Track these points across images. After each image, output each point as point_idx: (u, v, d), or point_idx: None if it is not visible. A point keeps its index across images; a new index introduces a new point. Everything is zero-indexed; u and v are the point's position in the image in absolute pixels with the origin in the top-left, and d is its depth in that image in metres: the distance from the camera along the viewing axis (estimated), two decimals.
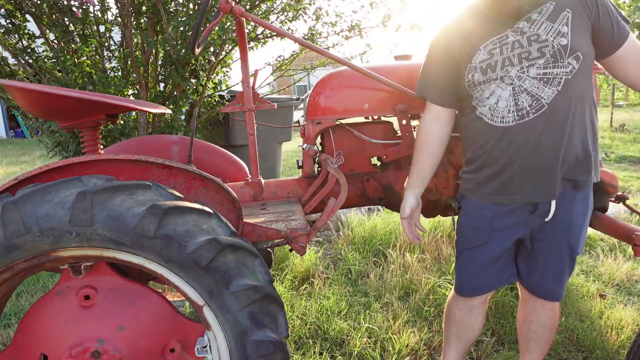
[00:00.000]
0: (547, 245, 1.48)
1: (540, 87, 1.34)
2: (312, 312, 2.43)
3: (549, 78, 1.34)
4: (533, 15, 1.35)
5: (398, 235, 3.36)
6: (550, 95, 1.34)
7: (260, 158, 2.50)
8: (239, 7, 1.64)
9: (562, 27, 1.32)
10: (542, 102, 1.35)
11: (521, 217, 1.46)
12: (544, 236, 1.48)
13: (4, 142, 15.19)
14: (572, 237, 1.47)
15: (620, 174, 5.56)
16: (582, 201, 1.45)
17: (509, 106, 1.38)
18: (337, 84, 1.94)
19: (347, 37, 4.10)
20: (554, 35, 1.32)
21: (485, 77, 1.40)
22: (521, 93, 1.36)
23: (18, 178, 1.24)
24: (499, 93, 1.39)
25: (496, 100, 1.40)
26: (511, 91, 1.37)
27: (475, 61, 1.41)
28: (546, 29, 1.33)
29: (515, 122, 1.38)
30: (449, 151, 2.03)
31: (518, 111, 1.37)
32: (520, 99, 1.37)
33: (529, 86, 1.35)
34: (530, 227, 1.48)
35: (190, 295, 1.27)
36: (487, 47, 1.40)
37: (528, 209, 1.44)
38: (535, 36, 1.34)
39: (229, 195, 1.45)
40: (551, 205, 1.42)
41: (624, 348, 2.06)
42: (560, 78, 1.33)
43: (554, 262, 1.50)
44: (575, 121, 1.36)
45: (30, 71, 3.31)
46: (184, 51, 3.20)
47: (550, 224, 1.45)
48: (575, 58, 1.32)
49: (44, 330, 1.34)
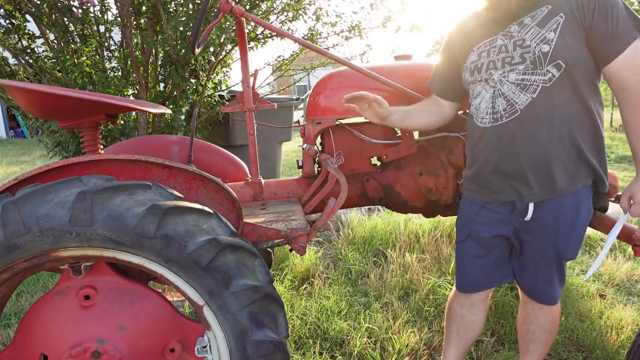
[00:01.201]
0: (533, 246, 1.48)
1: (516, 93, 1.36)
2: (312, 312, 2.43)
3: (525, 84, 1.34)
4: (526, 19, 1.35)
5: (398, 236, 3.36)
6: (525, 102, 1.34)
7: (260, 158, 2.50)
8: (239, 7, 1.64)
9: (548, 34, 1.30)
10: (515, 108, 1.36)
11: (503, 214, 1.49)
12: (529, 237, 1.48)
13: (4, 142, 15.19)
14: (559, 242, 1.44)
15: (620, 174, 5.57)
16: (571, 206, 1.41)
17: (487, 108, 1.42)
18: (337, 84, 1.94)
19: (347, 38, 4.11)
20: (538, 41, 1.31)
21: (473, 78, 1.47)
22: (499, 97, 1.39)
23: (18, 178, 1.24)
24: (482, 94, 1.44)
25: (480, 101, 1.46)
26: (491, 94, 1.41)
27: (468, 62, 1.49)
28: (533, 35, 1.32)
29: (490, 125, 1.42)
30: (449, 151, 2.03)
31: (494, 114, 1.41)
32: (497, 103, 1.40)
33: (507, 90, 1.37)
34: (513, 225, 1.49)
35: (190, 295, 1.27)
36: (479, 48, 1.45)
37: (508, 207, 1.47)
38: (521, 41, 1.34)
39: (229, 195, 1.45)
40: (528, 206, 1.42)
41: (624, 348, 2.06)
42: (536, 85, 1.32)
43: (541, 264, 1.49)
44: (553, 129, 1.33)
45: (30, 71, 3.31)
46: (184, 51, 3.20)
47: (534, 225, 1.45)
48: (555, 66, 1.29)
49: (44, 330, 1.34)
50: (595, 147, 1.40)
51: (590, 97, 1.36)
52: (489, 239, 1.54)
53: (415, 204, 2.08)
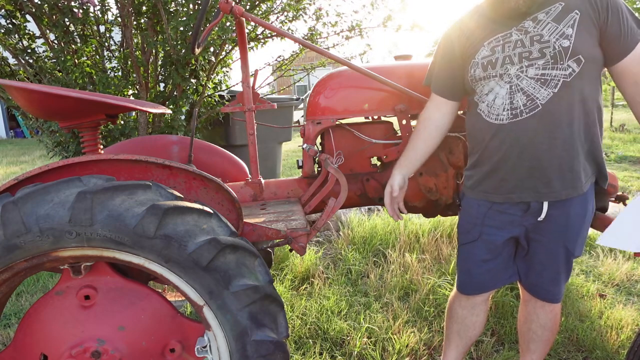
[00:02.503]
0: (543, 246, 1.48)
1: (536, 88, 1.34)
2: (312, 312, 2.43)
3: (546, 79, 1.33)
4: (540, 15, 1.35)
5: (398, 236, 3.36)
6: (546, 97, 1.34)
7: (260, 158, 2.50)
8: (239, 7, 1.64)
9: (566, 29, 1.31)
10: (536, 103, 1.35)
11: (515, 216, 1.47)
12: (539, 237, 1.48)
13: (4, 142, 15.20)
14: (569, 240, 1.45)
15: (620, 174, 5.57)
16: (581, 204, 1.43)
17: (504, 104, 1.39)
18: (337, 84, 1.94)
19: (348, 37, 4.10)
20: (557, 36, 1.31)
21: (485, 74, 1.42)
22: (517, 92, 1.37)
23: (18, 178, 1.24)
24: (497, 90, 1.41)
25: (494, 97, 1.42)
26: (508, 89, 1.38)
27: (478, 57, 1.44)
28: (550, 30, 1.33)
29: (508, 121, 1.39)
30: (449, 151, 2.03)
31: (512, 110, 1.38)
32: (515, 98, 1.37)
33: (526, 86, 1.35)
34: (525, 226, 1.48)
35: (190, 295, 1.27)
36: (490, 43, 1.42)
37: (521, 207, 1.45)
38: (539, 36, 1.34)
39: (229, 196, 1.45)
40: (543, 206, 1.42)
41: (624, 348, 2.06)
42: (557, 80, 1.32)
43: (549, 263, 1.49)
44: (573, 124, 1.34)
45: (31, 71, 3.31)
46: (184, 51, 3.20)
47: (545, 225, 1.45)
48: (576, 61, 1.31)
49: (44, 330, 1.34)
50: (599, 145, 1.42)
51: (598, 94, 1.39)
52: (499, 244, 1.52)
53: (415, 204, 2.08)
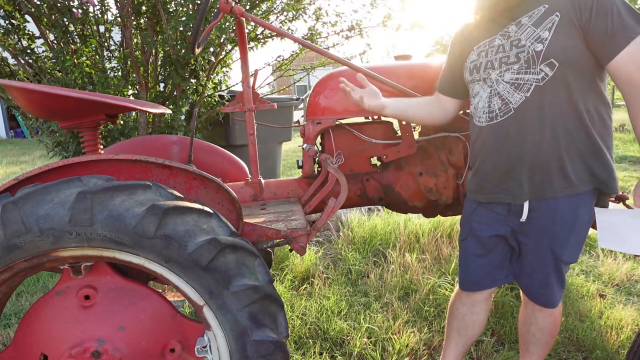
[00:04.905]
0: (530, 248, 1.48)
1: (511, 92, 1.37)
2: (312, 312, 2.43)
3: (519, 83, 1.35)
4: (523, 19, 1.36)
5: (398, 236, 3.36)
6: (518, 101, 1.36)
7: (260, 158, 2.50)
8: (239, 7, 1.65)
9: (543, 33, 1.30)
10: (509, 107, 1.38)
11: (500, 215, 1.50)
12: (526, 239, 1.48)
13: (4, 142, 15.19)
14: (556, 244, 1.42)
15: (620, 174, 5.57)
16: (569, 208, 1.38)
17: (484, 107, 1.45)
18: (337, 84, 1.94)
19: (348, 37, 4.10)
20: (532, 40, 1.31)
21: (472, 77, 1.50)
22: (494, 96, 1.41)
23: (18, 178, 1.24)
24: (481, 94, 1.47)
25: (478, 100, 1.48)
26: (488, 93, 1.43)
27: (468, 61, 1.51)
28: (528, 34, 1.33)
29: (486, 123, 1.45)
30: (449, 151, 2.03)
31: (490, 113, 1.43)
32: (493, 102, 1.42)
33: (502, 90, 1.39)
34: (510, 226, 1.50)
35: (190, 295, 1.27)
36: (479, 48, 1.48)
37: (505, 207, 1.48)
38: (517, 41, 1.36)
39: (229, 196, 1.45)
40: (523, 207, 1.42)
41: (624, 348, 2.06)
42: (530, 84, 1.33)
43: (539, 266, 1.48)
44: (544, 129, 1.33)
45: (30, 71, 3.31)
46: (184, 51, 3.20)
47: (530, 227, 1.44)
48: (548, 65, 1.29)
49: (44, 330, 1.34)
50: (594, 151, 1.35)
51: (587, 98, 1.33)
52: (487, 239, 1.55)
53: (415, 204, 2.08)
